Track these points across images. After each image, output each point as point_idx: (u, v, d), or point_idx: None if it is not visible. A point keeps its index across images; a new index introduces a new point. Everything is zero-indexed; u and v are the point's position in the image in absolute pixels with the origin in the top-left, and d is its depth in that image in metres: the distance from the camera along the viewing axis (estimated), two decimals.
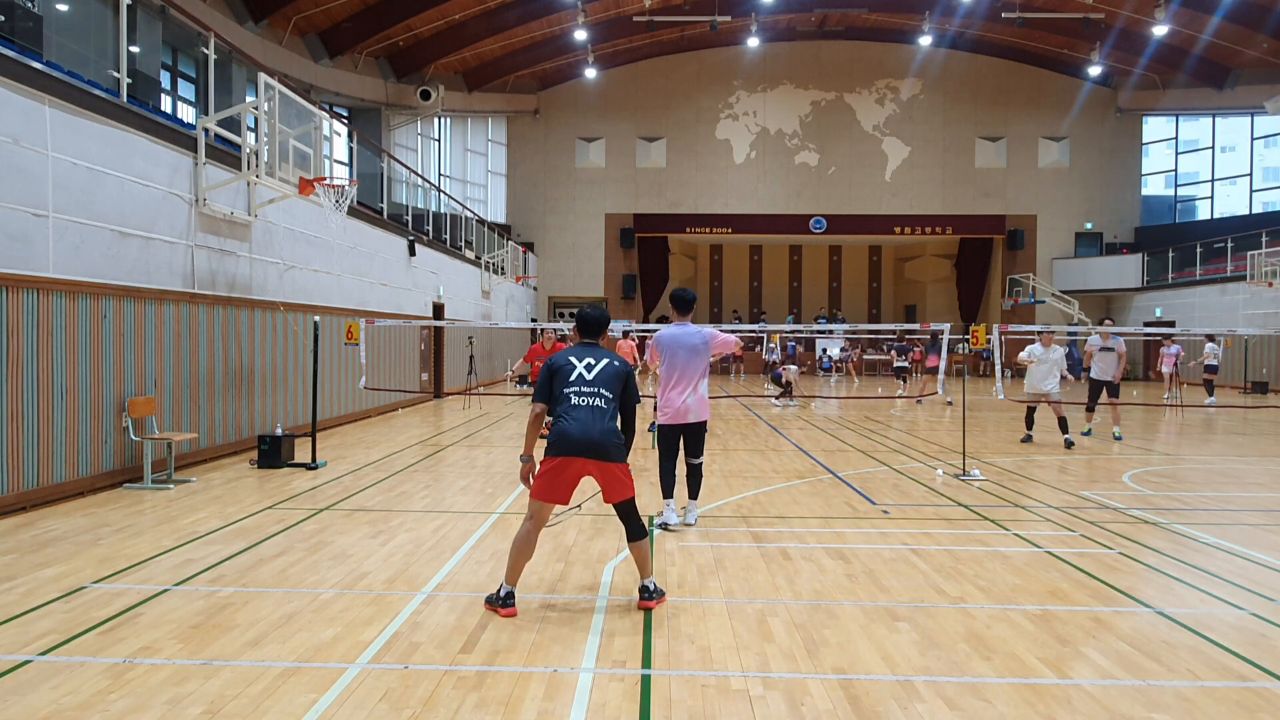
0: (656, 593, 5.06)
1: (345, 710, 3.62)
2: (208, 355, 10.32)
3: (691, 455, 7.07)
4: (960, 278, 37.29)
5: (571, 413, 4.97)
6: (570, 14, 28.70)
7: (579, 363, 5.14)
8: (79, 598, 5.05)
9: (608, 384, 5.09)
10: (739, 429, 14.60)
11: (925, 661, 4.20)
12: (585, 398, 5.01)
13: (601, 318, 5.41)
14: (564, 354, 5.23)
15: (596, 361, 5.16)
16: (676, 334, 6.96)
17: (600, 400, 5.03)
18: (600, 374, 5.11)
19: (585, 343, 5.35)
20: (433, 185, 26.35)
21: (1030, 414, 13.25)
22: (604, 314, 5.45)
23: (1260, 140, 34.49)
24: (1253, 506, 8.20)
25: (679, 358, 6.93)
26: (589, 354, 5.21)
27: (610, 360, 5.20)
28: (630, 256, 35.96)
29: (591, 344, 5.33)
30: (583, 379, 5.08)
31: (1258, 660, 4.25)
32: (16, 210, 7.35)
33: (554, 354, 5.29)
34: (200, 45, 11.67)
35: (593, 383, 5.06)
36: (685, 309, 7.06)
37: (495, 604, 4.94)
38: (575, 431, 4.90)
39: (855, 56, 35.78)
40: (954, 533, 6.94)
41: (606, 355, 5.24)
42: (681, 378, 6.93)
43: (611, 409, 5.09)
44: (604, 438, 4.96)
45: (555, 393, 5.09)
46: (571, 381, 5.05)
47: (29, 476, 7.48)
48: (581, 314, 5.45)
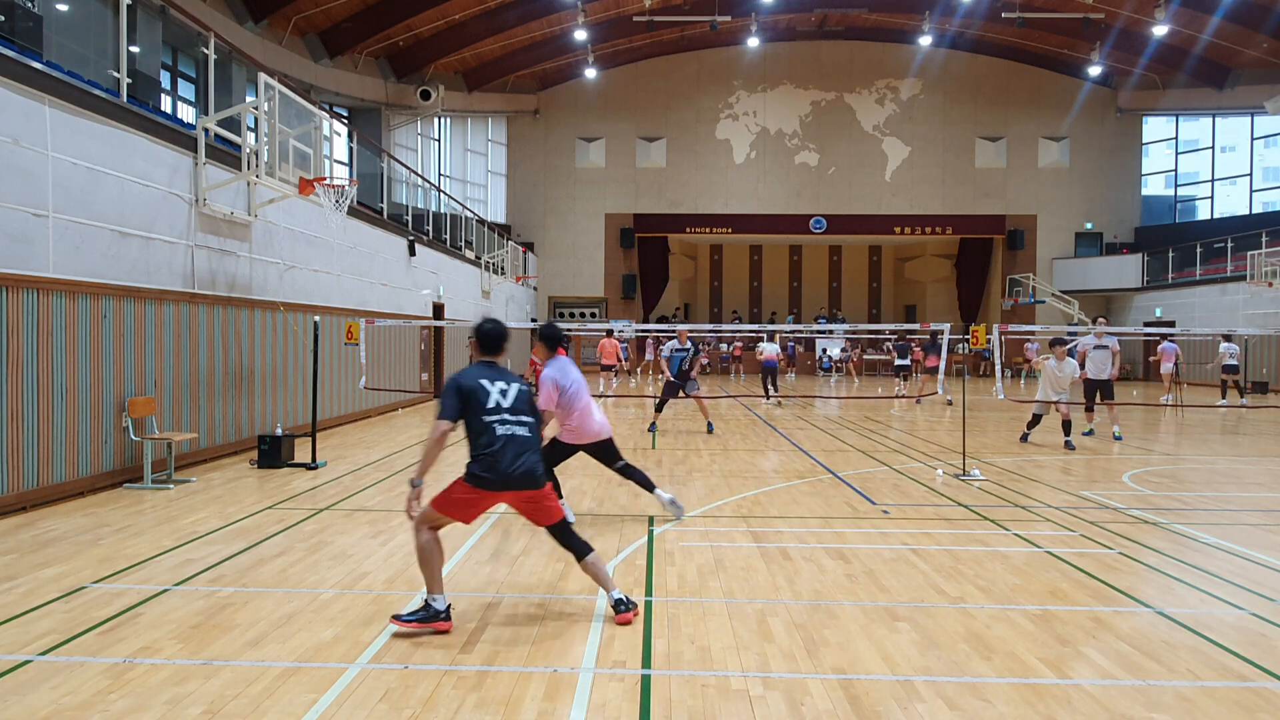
0: (629, 603, 4.80)
1: (345, 710, 3.63)
2: (208, 355, 10.32)
3: (617, 460, 7.16)
4: (960, 278, 37.30)
5: (498, 445, 4.70)
6: (570, 14, 28.71)
7: (492, 388, 4.82)
8: (79, 598, 5.05)
9: (525, 409, 4.85)
10: (739, 429, 14.60)
11: (925, 661, 4.20)
12: (509, 427, 4.76)
13: (503, 333, 5.06)
14: (472, 376, 4.84)
15: (509, 385, 4.87)
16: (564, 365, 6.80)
17: (523, 428, 4.79)
18: (516, 399, 4.84)
19: (487, 361, 5.00)
20: (433, 185, 26.35)
21: (1037, 419, 13.06)
22: (505, 329, 5.10)
23: (1260, 140, 34.50)
24: (1253, 506, 8.20)
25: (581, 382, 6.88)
26: (499, 377, 4.90)
27: (518, 383, 4.94)
28: (630, 256, 35.96)
29: (493, 363, 5.00)
30: (500, 406, 4.79)
31: (1258, 660, 4.25)
32: (16, 210, 7.35)
33: (461, 375, 4.86)
34: (200, 45, 11.67)
35: (512, 409, 4.80)
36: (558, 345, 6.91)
37: (434, 619, 4.58)
38: (505, 467, 4.68)
39: (855, 56, 35.79)
40: (954, 533, 6.94)
41: (513, 378, 4.97)
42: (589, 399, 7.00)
43: (535, 434, 4.88)
44: (535, 467, 4.76)
45: (470, 421, 4.76)
46: (490, 410, 4.74)
47: (29, 476, 7.48)
48: (483, 329, 5.02)
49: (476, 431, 4.74)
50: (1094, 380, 13.38)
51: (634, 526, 7.06)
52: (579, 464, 10.45)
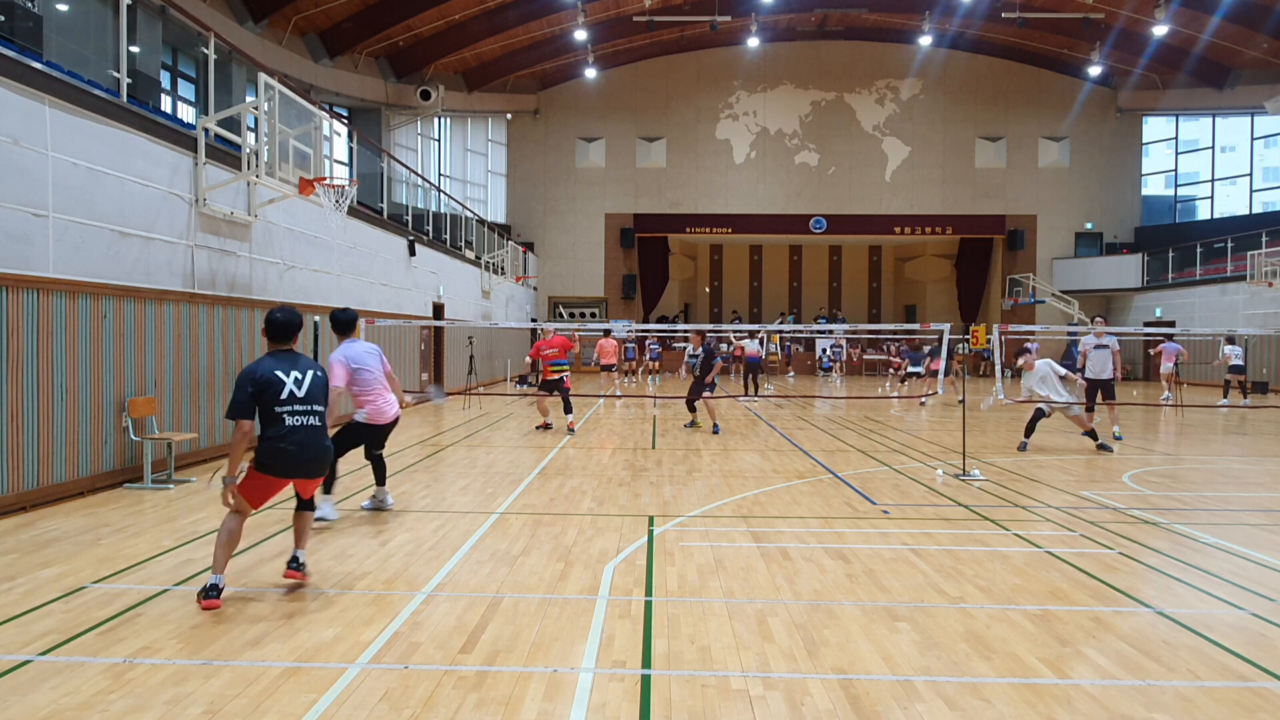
0: (300, 565, 5.30)
1: (345, 710, 3.62)
2: (208, 355, 10.32)
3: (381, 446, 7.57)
4: (960, 278, 37.30)
5: (290, 435, 4.92)
6: (570, 14, 28.71)
7: (287, 378, 4.97)
8: (79, 598, 5.05)
9: (318, 398, 5.08)
10: (739, 429, 14.60)
11: (925, 661, 4.20)
12: (299, 417, 4.97)
13: (292, 320, 5.17)
14: (268, 367, 4.99)
15: (304, 375, 5.05)
16: (353, 347, 7.36)
17: (314, 418, 5.05)
18: (310, 388, 5.06)
19: (281, 350, 5.11)
20: (433, 185, 26.35)
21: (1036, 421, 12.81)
22: (295, 316, 5.21)
23: (1260, 140, 34.50)
24: (1253, 506, 8.20)
25: (375, 367, 7.37)
26: (294, 366, 5.03)
27: (315, 371, 5.13)
28: (630, 256, 35.96)
29: (288, 351, 5.13)
30: (294, 396, 4.97)
31: (1258, 660, 4.24)
32: (16, 210, 7.35)
33: (258, 365, 5.02)
34: (200, 45, 11.67)
35: (305, 399, 5.00)
36: (350, 329, 7.52)
37: (203, 596, 4.87)
38: (295, 454, 4.96)
39: (855, 56, 35.78)
40: (954, 533, 6.94)
41: (310, 365, 5.15)
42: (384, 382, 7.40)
43: (324, 423, 5.12)
44: (322, 456, 5.13)
45: (265, 410, 4.93)
46: (283, 400, 4.93)
47: (29, 476, 7.48)
48: (272, 318, 5.14)
49: (268, 420, 4.98)
50: (1095, 380, 13.33)
51: (634, 526, 7.06)
52: (579, 464, 10.47)
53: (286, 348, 5.15)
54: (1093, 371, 13.26)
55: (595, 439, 13.12)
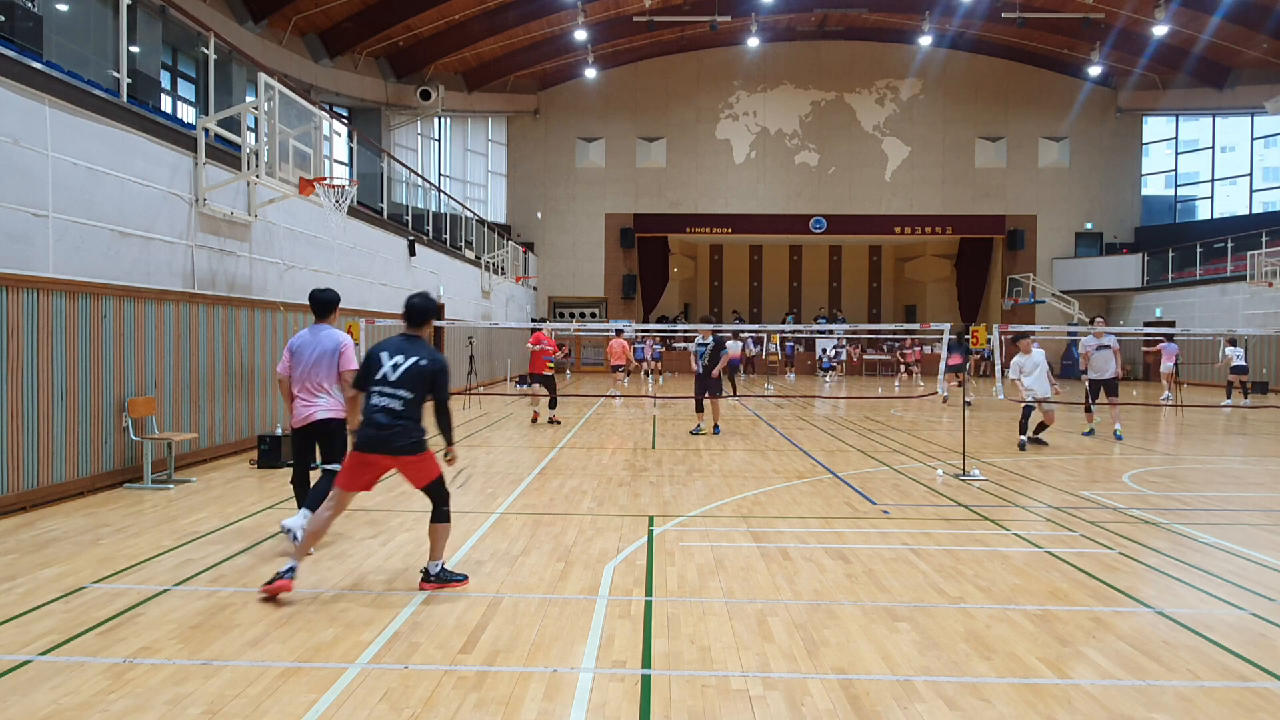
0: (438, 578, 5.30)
1: (345, 710, 3.62)
2: (208, 355, 10.32)
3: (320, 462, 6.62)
4: (960, 278, 37.30)
5: (370, 412, 5.17)
6: (570, 14, 28.71)
7: (388, 361, 5.23)
8: (79, 598, 5.04)
9: (407, 385, 5.17)
10: (739, 429, 14.60)
11: (925, 661, 4.20)
12: (384, 398, 5.17)
13: (428, 307, 5.40)
14: (380, 346, 5.34)
15: (404, 361, 5.21)
16: (304, 334, 6.59)
17: (397, 403, 5.16)
18: (402, 375, 5.19)
19: (409, 334, 5.39)
20: (433, 185, 26.35)
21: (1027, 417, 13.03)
22: (431, 303, 5.43)
23: (1260, 140, 34.50)
24: (1253, 506, 8.20)
25: (308, 359, 6.53)
26: (401, 351, 5.25)
27: (419, 359, 5.23)
28: (630, 256, 35.96)
29: (414, 337, 5.37)
30: (386, 379, 5.19)
31: (1258, 660, 4.24)
32: (16, 210, 7.35)
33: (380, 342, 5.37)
34: (200, 45, 11.67)
35: (394, 384, 5.17)
36: (329, 310, 6.72)
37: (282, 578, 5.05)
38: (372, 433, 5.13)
39: (855, 56, 35.78)
40: (954, 533, 6.94)
41: (417, 354, 5.25)
42: (308, 380, 6.55)
43: (409, 408, 5.19)
44: (393, 439, 5.15)
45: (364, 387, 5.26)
46: (377, 380, 5.20)
47: (29, 476, 7.48)
48: (410, 302, 5.43)
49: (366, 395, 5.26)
50: (1098, 380, 13.36)
51: (634, 526, 7.06)
52: (579, 464, 10.47)
53: (413, 333, 5.39)
54: (1096, 371, 13.30)
55: (595, 439, 13.11)
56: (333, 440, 6.48)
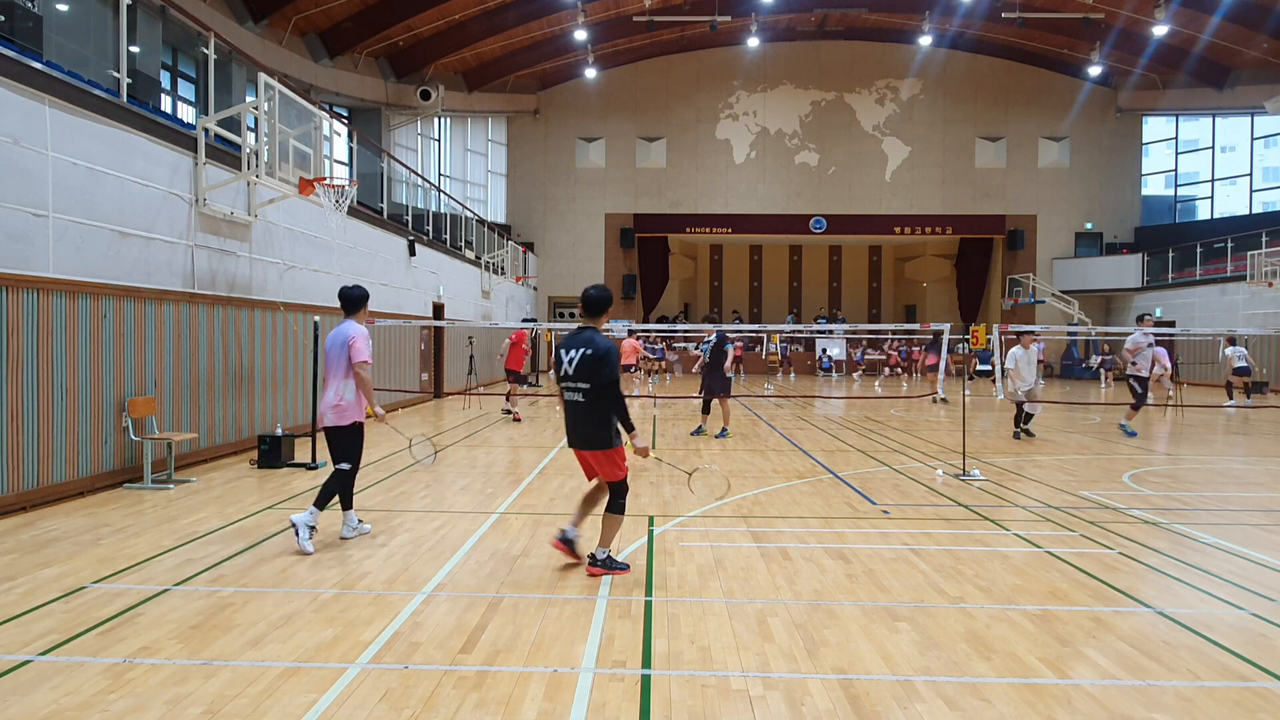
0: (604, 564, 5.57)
1: (345, 710, 3.62)
2: (208, 355, 10.32)
3: (333, 458, 6.57)
4: (960, 278, 37.30)
5: (566, 409, 5.54)
6: (570, 14, 28.71)
7: (565, 356, 5.47)
8: (79, 598, 5.04)
9: (584, 376, 5.38)
10: (739, 429, 14.59)
11: (925, 661, 4.20)
12: (569, 393, 5.45)
13: (603, 296, 5.64)
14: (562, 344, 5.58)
15: (575, 354, 5.42)
16: (338, 333, 6.58)
17: (579, 395, 5.42)
18: (577, 367, 5.42)
19: (582, 326, 5.63)
20: (433, 185, 26.34)
21: (1021, 411, 13.51)
22: (606, 292, 5.67)
23: (1260, 140, 34.49)
24: (1253, 506, 8.20)
25: (331, 355, 6.56)
26: (573, 345, 5.49)
27: (585, 350, 5.40)
28: (630, 256, 35.96)
29: (587, 328, 5.57)
30: (566, 374, 5.45)
31: (1258, 660, 4.24)
32: (16, 210, 7.35)
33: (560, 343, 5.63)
34: (200, 45, 11.67)
35: (572, 377, 5.41)
36: (354, 307, 6.68)
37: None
38: (568, 428, 5.57)
39: (855, 56, 35.78)
40: (954, 533, 6.94)
41: (583, 345, 5.42)
42: (330, 378, 6.54)
43: (590, 400, 5.39)
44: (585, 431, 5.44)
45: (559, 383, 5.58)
46: (560, 377, 5.47)
47: (29, 476, 7.48)
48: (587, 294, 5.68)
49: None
50: (1142, 377, 13.54)
51: (634, 526, 7.06)
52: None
53: (589, 325, 5.61)
54: (1143, 369, 13.45)
55: None
56: (337, 445, 6.51)
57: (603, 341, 5.40)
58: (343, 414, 6.47)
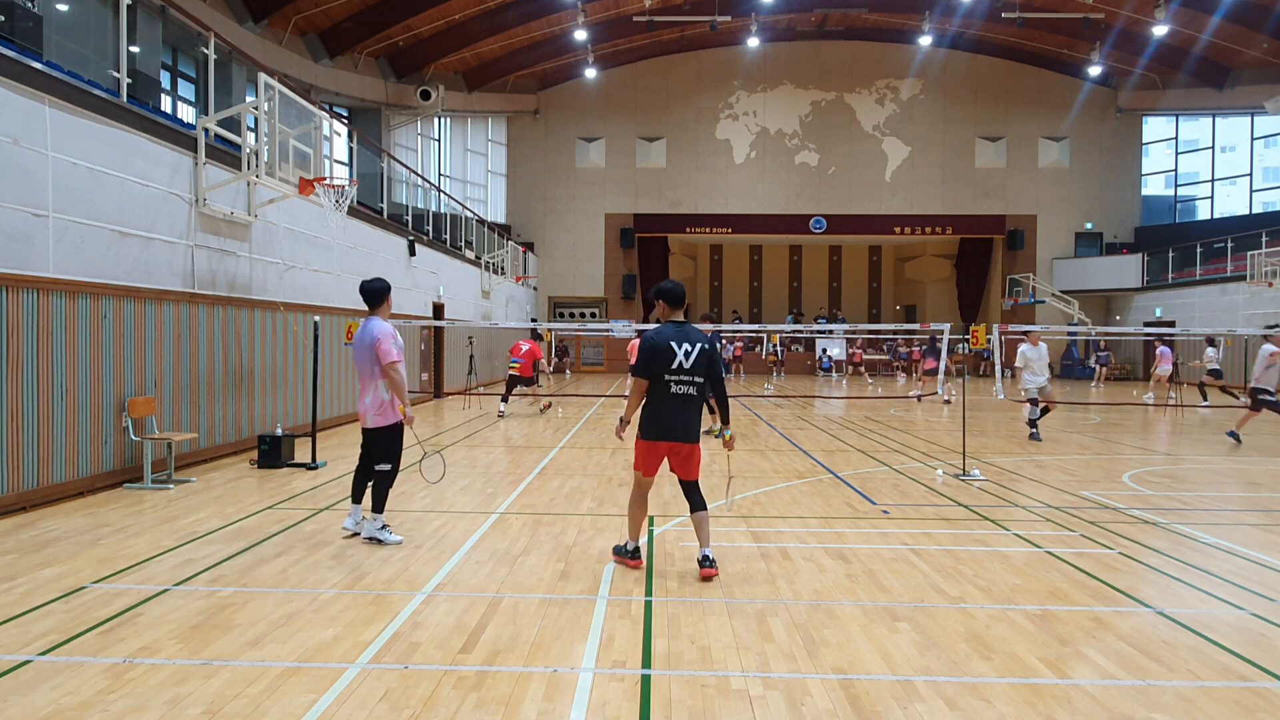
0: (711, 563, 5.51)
1: (345, 710, 3.62)
2: (208, 355, 10.32)
3: (374, 459, 6.52)
4: (960, 278, 37.30)
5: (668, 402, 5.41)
6: (570, 14, 28.71)
7: (678, 349, 5.42)
8: (79, 598, 5.04)
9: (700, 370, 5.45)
10: (739, 429, 14.59)
11: (925, 661, 4.20)
12: (682, 386, 5.43)
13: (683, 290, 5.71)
14: (665, 336, 5.45)
15: (693, 347, 5.44)
16: (359, 332, 6.45)
17: (693, 389, 5.44)
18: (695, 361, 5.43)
19: (675, 321, 5.57)
20: (433, 185, 26.35)
21: (1036, 407, 13.45)
22: (681, 287, 5.75)
23: (1260, 140, 34.49)
24: (1253, 506, 8.20)
25: (359, 355, 6.42)
26: (685, 338, 5.45)
27: (703, 344, 5.49)
28: (630, 256, 35.96)
29: (683, 323, 5.56)
30: (681, 367, 5.41)
31: (1258, 660, 4.24)
32: (16, 210, 7.35)
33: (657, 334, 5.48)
34: (200, 45, 11.67)
35: (689, 370, 5.41)
36: (376, 300, 6.53)
37: (624, 556, 5.72)
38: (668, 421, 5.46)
39: (855, 56, 35.78)
40: (954, 533, 6.94)
41: (700, 339, 5.51)
42: (360, 379, 6.46)
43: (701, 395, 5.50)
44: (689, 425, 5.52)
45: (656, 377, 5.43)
46: (673, 369, 5.38)
47: (29, 476, 7.48)
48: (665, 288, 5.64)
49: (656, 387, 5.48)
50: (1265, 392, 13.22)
51: None
52: (579, 464, 10.47)
53: (681, 320, 5.60)
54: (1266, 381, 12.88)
55: (595, 439, 13.11)
56: (379, 446, 6.44)
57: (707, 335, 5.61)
58: (384, 414, 6.40)
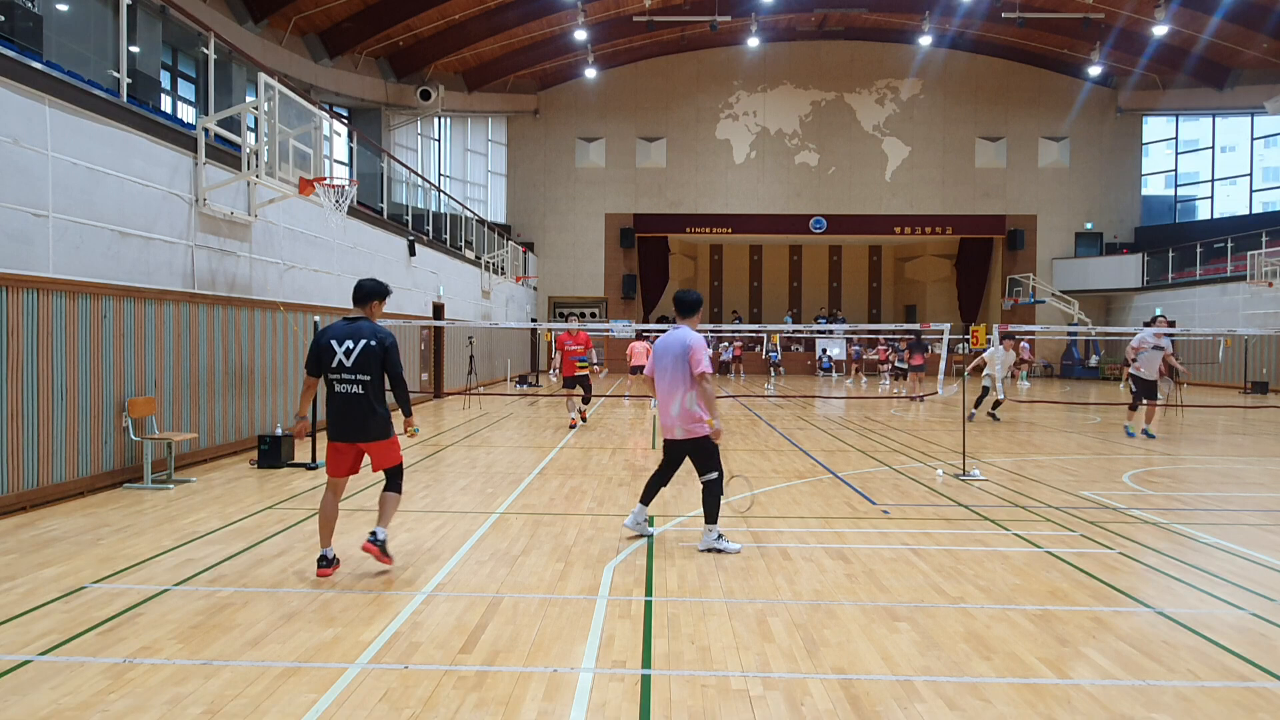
0: (380, 541, 5.52)
1: (345, 710, 3.62)
2: (208, 355, 10.32)
3: (698, 472, 6.41)
4: (960, 278, 37.30)
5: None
6: (570, 14, 28.71)
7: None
8: (79, 598, 5.04)
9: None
10: (739, 429, 14.59)
11: (925, 661, 4.20)
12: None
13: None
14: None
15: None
16: (666, 338, 6.41)
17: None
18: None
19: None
20: (433, 185, 26.35)
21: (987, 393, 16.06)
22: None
23: (1260, 140, 34.50)
24: (1253, 506, 8.20)
25: (661, 363, 6.37)
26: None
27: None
28: (630, 256, 35.97)
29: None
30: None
31: (1258, 660, 4.24)
32: (16, 210, 7.35)
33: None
34: (200, 45, 11.67)
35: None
36: (685, 311, 6.46)
37: (320, 566, 5.55)
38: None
39: (855, 56, 35.79)
40: (954, 533, 6.94)
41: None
42: (668, 387, 6.31)
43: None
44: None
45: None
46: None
47: (29, 476, 7.48)
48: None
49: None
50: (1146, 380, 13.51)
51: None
52: (579, 464, 10.48)
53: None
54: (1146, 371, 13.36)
55: (595, 439, 13.12)
56: (693, 458, 6.39)
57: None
58: (697, 425, 6.26)
